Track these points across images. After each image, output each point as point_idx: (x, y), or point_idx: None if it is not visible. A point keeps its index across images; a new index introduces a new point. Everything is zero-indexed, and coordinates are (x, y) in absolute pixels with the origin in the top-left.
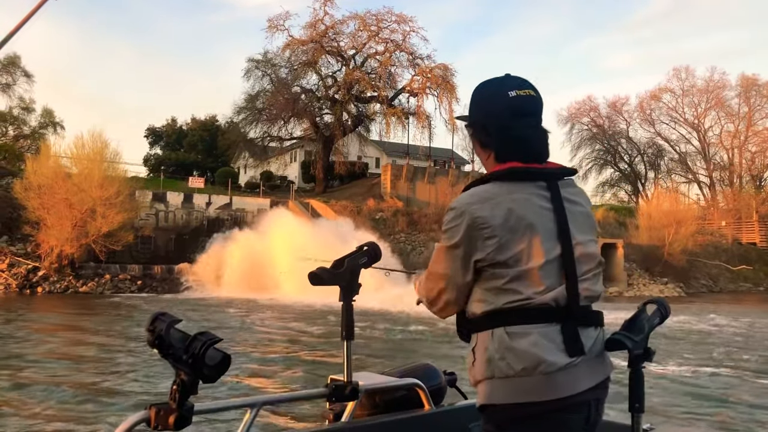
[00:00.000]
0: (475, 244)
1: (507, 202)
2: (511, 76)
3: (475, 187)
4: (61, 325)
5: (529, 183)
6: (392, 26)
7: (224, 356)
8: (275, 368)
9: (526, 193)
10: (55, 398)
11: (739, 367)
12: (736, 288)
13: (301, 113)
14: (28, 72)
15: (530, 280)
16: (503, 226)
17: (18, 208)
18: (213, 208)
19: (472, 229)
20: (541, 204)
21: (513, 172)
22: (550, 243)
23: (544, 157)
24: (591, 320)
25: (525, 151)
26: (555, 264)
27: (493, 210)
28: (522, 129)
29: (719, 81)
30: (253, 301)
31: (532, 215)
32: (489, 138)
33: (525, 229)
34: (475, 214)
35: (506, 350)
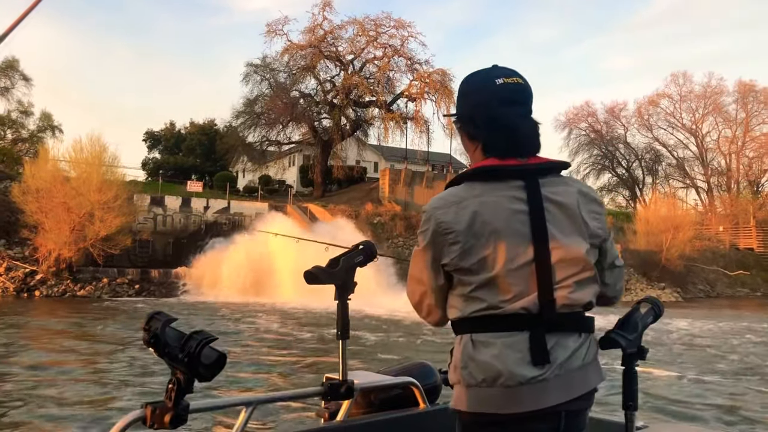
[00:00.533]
0: (440, 250)
1: (473, 206)
2: (498, 66)
3: (446, 190)
4: (57, 328)
5: (503, 183)
6: (391, 31)
7: (220, 355)
8: (271, 367)
9: (496, 195)
10: (50, 398)
11: (734, 370)
12: (733, 293)
13: (300, 118)
14: (26, 75)
15: (497, 287)
16: (467, 232)
17: (16, 211)
18: (211, 212)
19: (437, 234)
20: (512, 206)
21: (485, 172)
22: (521, 248)
23: (533, 148)
24: (570, 328)
25: (513, 142)
26: (525, 270)
27: (458, 214)
28: (510, 118)
29: (717, 87)
30: (250, 304)
31: (500, 219)
32: (477, 129)
33: (490, 234)
34: (439, 219)
35: (469, 359)
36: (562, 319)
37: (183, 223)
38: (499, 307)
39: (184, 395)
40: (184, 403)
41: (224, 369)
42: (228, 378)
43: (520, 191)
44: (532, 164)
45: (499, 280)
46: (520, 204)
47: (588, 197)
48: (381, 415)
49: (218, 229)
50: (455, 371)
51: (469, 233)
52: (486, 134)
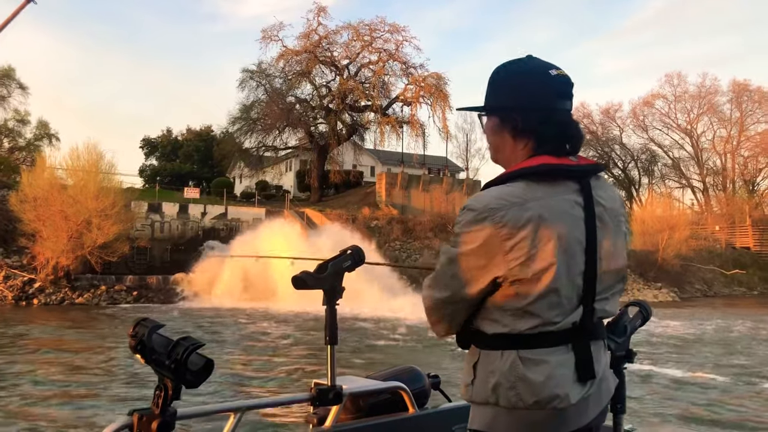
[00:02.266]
0: (494, 258)
1: (537, 209)
2: (534, 57)
3: (500, 187)
4: (51, 335)
5: (561, 185)
6: (385, 36)
7: (207, 361)
8: (260, 373)
9: (559, 198)
10: (39, 403)
11: (726, 370)
12: (730, 292)
13: (296, 123)
14: (23, 84)
15: (555, 300)
16: (532, 238)
17: (13, 220)
18: (208, 218)
19: (494, 239)
20: (572, 212)
21: (547, 171)
22: (578, 257)
23: (578, 150)
24: (601, 337)
25: (567, 140)
26: (578, 281)
27: (522, 218)
28: (564, 114)
29: (711, 87)
30: (247, 309)
31: (563, 225)
32: (529, 123)
33: (554, 242)
34: (499, 222)
35: (518, 379)
36: (597, 329)
37: (180, 229)
38: (555, 322)
39: (171, 402)
40: (171, 410)
41: (213, 375)
42: (217, 384)
43: (577, 195)
44: (585, 165)
45: (558, 292)
46: (578, 209)
47: (622, 205)
48: (370, 420)
49: (216, 234)
50: (491, 391)
51: (534, 240)
52: (542, 129)
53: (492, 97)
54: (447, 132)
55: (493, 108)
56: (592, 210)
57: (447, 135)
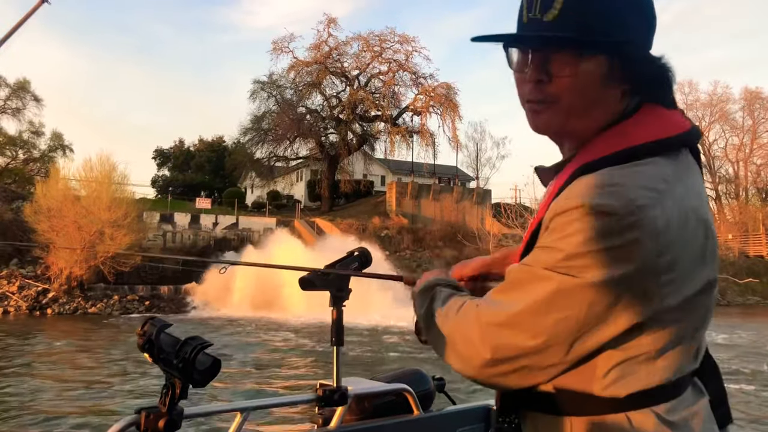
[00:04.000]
0: (643, 286)
1: (682, 195)
2: None
3: (633, 168)
4: (63, 341)
5: (684, 155)
6: (395, 47)
7: (214, 360)
8: (266, 374)
9: (694, 178)
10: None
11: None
12: (744, 301)
13: (307, 133)
14: (37, 96)
15: (694, 333)
16: (693, 244)
17: (28, 231)
18: (220, 229)
19: (650, 256)
20: (702, 201)
21: (692, 136)
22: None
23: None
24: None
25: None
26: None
27: (678, 213)
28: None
29: (723, 94)
30: (260, 319)
31: (709, 218)
32: (634, 64)
33: (712, 244)
34: (655, 228)
35: None
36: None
37: (192, 239)
38: (691, 361)
39: (178, 401)
40: (178, 409)
41: (219, 375)
42: (223, 384)
43: (699, 175)
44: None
45: (705, 316)
46: (704, 196)
47: None
48: (375, 422)
49: (227, 245)
50: None
51: (693, 246)
52: (651, 74)
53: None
54: (457, 141)
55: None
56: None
57: (457, 144)
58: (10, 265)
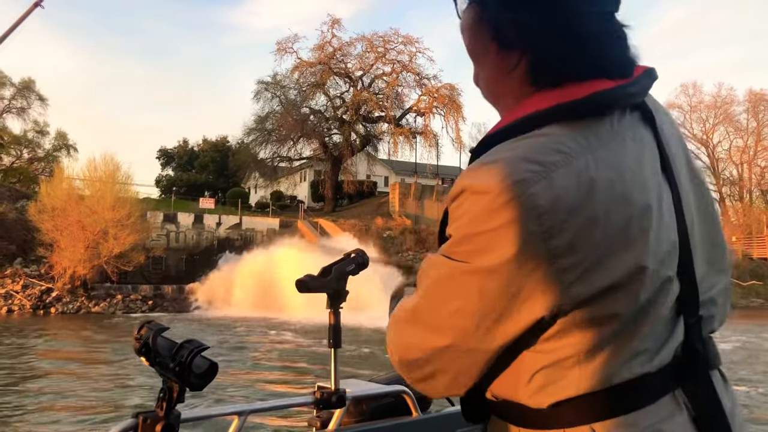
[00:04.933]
0: (536, 272)
1: (595, 166)
2: None
3: (520, 139)
4: (63, 342)
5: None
6: (399, 47)
7: (211, 364)
8: (264, 376)
9: (624, 145)
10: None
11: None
12: (747, 304)
13: (310, 134)
14: (42, 96)
15: (650, 326)
16: (595, 225)
17: (32, 230)
18: (223, 228)
19: (536, 238)
20: (649, 164)
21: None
22: (669, 243)
23: (627, 70)
24: (716, 363)
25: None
26: (674, 280)
27: (575, 186)
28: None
29: (727, 96)
30: (261, 319)
31: (644, 190)
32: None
33: (639, 222)
34: (536, 203)
35: None
36: (710, 352)
37: (195, 239)
38: (646, 360)
39: (175, 405)
40: (175, 413)
41: (217, 377)
42: (221, 387)
43: (645, 131)
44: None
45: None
46: (655, 158)
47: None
48: (373, 424)
49: (230, 245)
50: None
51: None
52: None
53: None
54: (460, 142)
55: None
56: (668, 157)
57: (460, 145)
58: (14, 264)
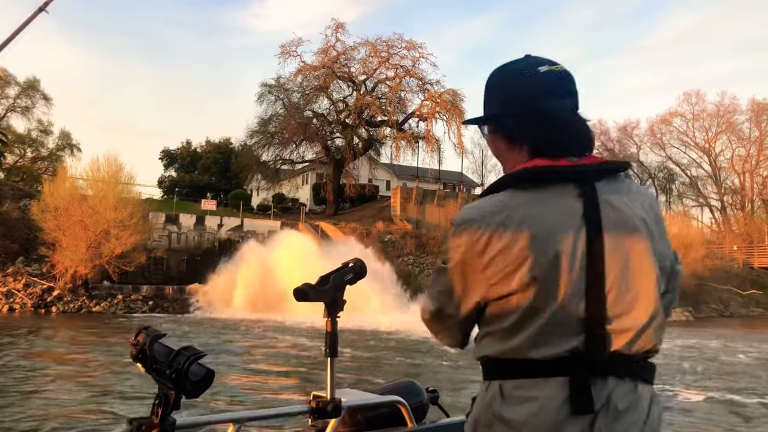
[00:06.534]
0: (473, 275)
1: (519, 217)
2: (532, 55)
3: (485, 198)
4: (62, 343)
5: (554, 188)
6: (402, 52)
7: (208, 372)
8: (261, 383)
9: (546, 204)
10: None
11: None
12: (747, 313)
13: (313, 137)
14: (47, 95)
15: (541, 322)
16: (508, 252)
17: (34, 229)
18: (224, 230)
19: (471, 256)
20: (567, 220)
21: (535, 174)
22: (575, 273)
23: (588, 149)
24: (631, 372)
25: (566, 139)
26: (578, 301)
27: (500, 228)
28: (561, 112)
29: (730, 105)
30: (257, 320)
31: (553, 235)
32: (521, 128)
33: (541, 254)
34: (474, 236)
35: (495, 418)
36: (618, 364)
37: (197, 240)
38: (541, 346)
39: (171, 412)
40: (170, 420)
41: (213, 384)
42: (217, 394)
43: (574, 200)
44: (589, 165)
45: (546, 312)
46: (575, 217)
47: (652, 210)
48: None
49: (231, 246)
50: (474, 424)
51: (512, 253)
52: (534, 132)
53: (486, 106)
54: (462, 147)
55: (485, 117)
56: (597, 218)
57: (462, 150)
58: (16, 263)
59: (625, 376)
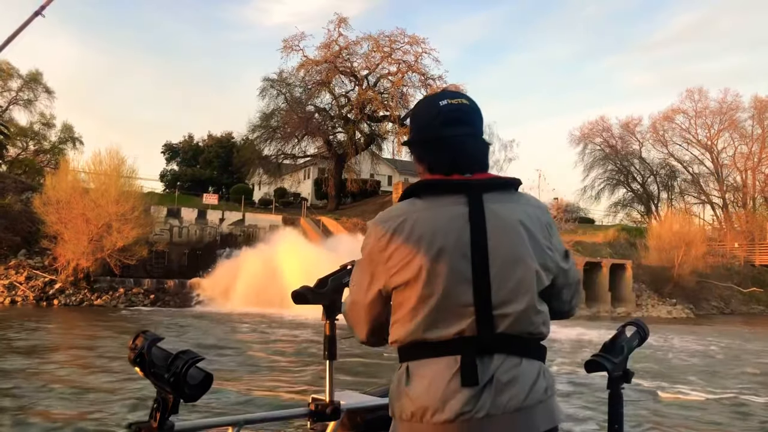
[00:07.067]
0: (376, 267)
1: (412, 220)
2: (446, 90)
3: (395, 205)
4: (64, 338)
5: (445, 198)
6: (405, 47)
7: (206, 375)
8: (260, 383)
9: (437, 210)
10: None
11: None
12: (748, 310)
13: (315, 131)
14: (49, 88)
15: (432, 307)
16: (404, 248)
17: (37, 222)
18: (226, 224)
19: (375, 249)
20: (453, 222)
21: (427, 186)
22: (461, 265)
23: (478, 166)
24: (513, 350)
25: (457, 161)
26: (465, 289)
27: (397, 230)
28: (455, 138)
29: (732, 102)
30: (257, 315)
31: (439, 235)
32: (424, 151)
33: (428, 251)
34: (378, 234)
35: (401, 392)
36: (504, 343)
37: (198, 234)
38: (433, 329)
39: (169, 416)
40: (169, 424)
41: (212, 386)
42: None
43: (462, 206)
44: (476, 179)
45: (436, 300)
46: (461, 220)
47: (536, 216)
48: None
49: (233, 240)
50: (390, 404)
51: (406, 250)
52: (431, 154)
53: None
54: None
55: (404, 142)
56: (482, 219)
57: None
58: (18, 256)
59: (510, 354)
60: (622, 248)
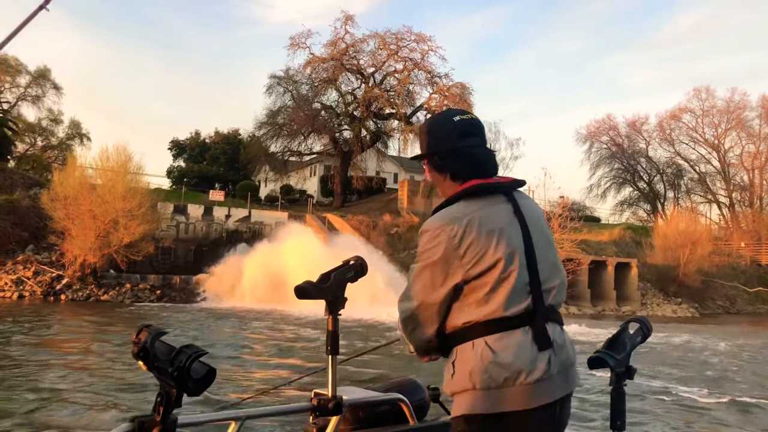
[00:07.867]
0: (452, 265)
1: (477, 218)
2: (452, 108)
3: (445, 209)
4: (68, 333)
5: (493, 197)
6: (411, 45)
7: (209, 370)
8: (263, 377)
9: (492, 208)
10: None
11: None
12: (754, 310)
13: (321, 129)
14: (57, 84)
15: (507, 289)
16: (477, 243)
17: (44, 218)
18: (232, 221)
19: (450, 249)
20: (508, 217)
21: (478, 189)
22: (518, 252)
23: (494, 172)
24: (557, 319)
25: (477, 168)
26: (525, 272)
27: (467, 228)
28: (470, 148)
29: (740, 101)
30: (262, 311)
31: (503, 228)
32: (443, 162)
33: (498, 242)
34: (450, 234)
35: (489, 363)
36: (550, 314)
37: (205, 231)
38: (509, 306)
39: (172, 409)
40: (172, 418)
41: (215, 380)
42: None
43: (506, 204)
44: (508, 181)
45: (509, 282)
46: (511, 215)
47: (542, 212)
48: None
49: (239, 237)
50: (468, 377)
51: (479, 243)
52: (452, 164)
53: (421, 146)
54: None
55: (422, 155)
56: (522, 214)
57: None
58: (26, 251)
59: (554, 322)
60: (628, 247)
